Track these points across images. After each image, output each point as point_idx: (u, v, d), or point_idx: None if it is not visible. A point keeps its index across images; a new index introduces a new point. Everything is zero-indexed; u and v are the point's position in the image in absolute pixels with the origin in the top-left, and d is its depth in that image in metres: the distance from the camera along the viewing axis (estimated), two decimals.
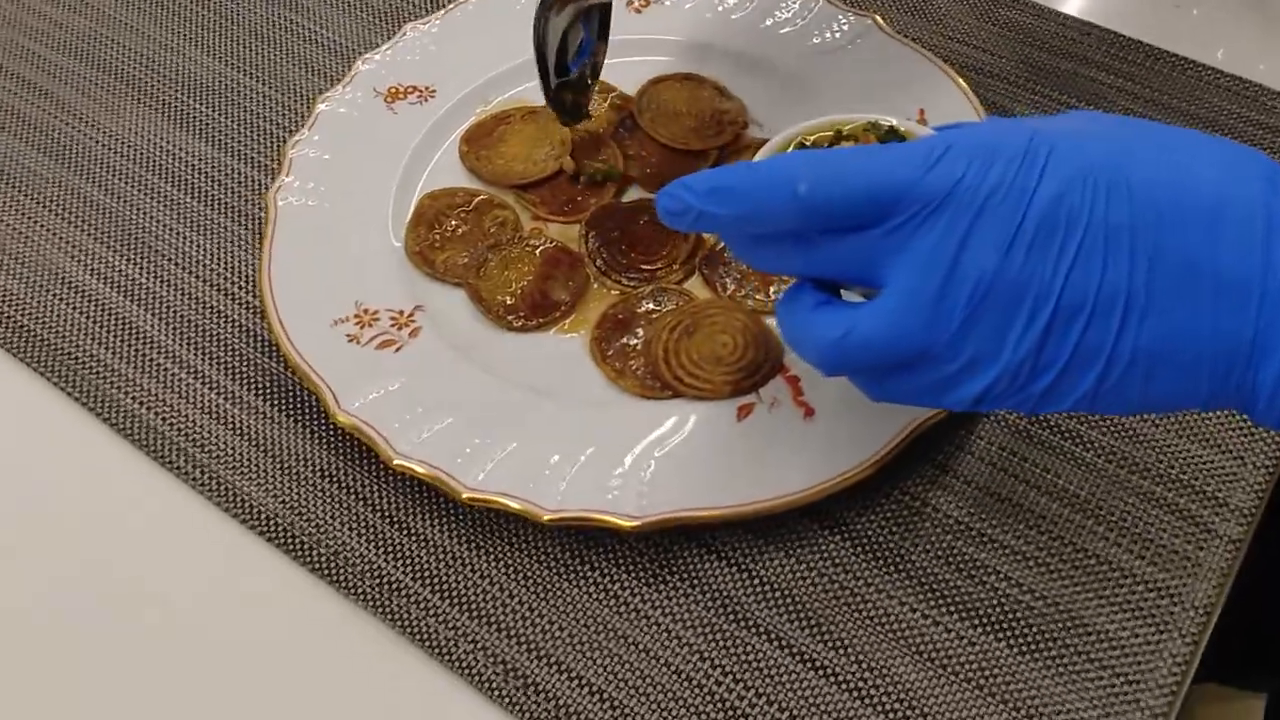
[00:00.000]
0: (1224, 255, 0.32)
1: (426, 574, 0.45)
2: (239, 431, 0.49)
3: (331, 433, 0.49)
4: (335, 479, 0.48)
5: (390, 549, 0.46)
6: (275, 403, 0.50)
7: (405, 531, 0.46)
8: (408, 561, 0.46)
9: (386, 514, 0.47)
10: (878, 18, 0.60)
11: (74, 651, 0.45)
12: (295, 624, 0.45)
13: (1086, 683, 0.42)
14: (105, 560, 0.47)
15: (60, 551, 0.47)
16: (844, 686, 0.42)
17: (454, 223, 0.54)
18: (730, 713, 0.42)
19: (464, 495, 0.44)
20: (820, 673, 0.42)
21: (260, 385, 0.51)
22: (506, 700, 0.42)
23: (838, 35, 0.60)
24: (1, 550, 0.48)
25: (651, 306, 0.50)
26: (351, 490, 0.48)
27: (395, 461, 0.45)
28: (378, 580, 0.45)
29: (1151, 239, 0.32)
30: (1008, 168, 0.33)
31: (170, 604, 0.46)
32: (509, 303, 0.51)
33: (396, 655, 0.44)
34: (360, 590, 0.45)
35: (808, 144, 0.41)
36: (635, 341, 0.49)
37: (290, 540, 0.46)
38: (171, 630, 0.45)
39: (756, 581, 0.45)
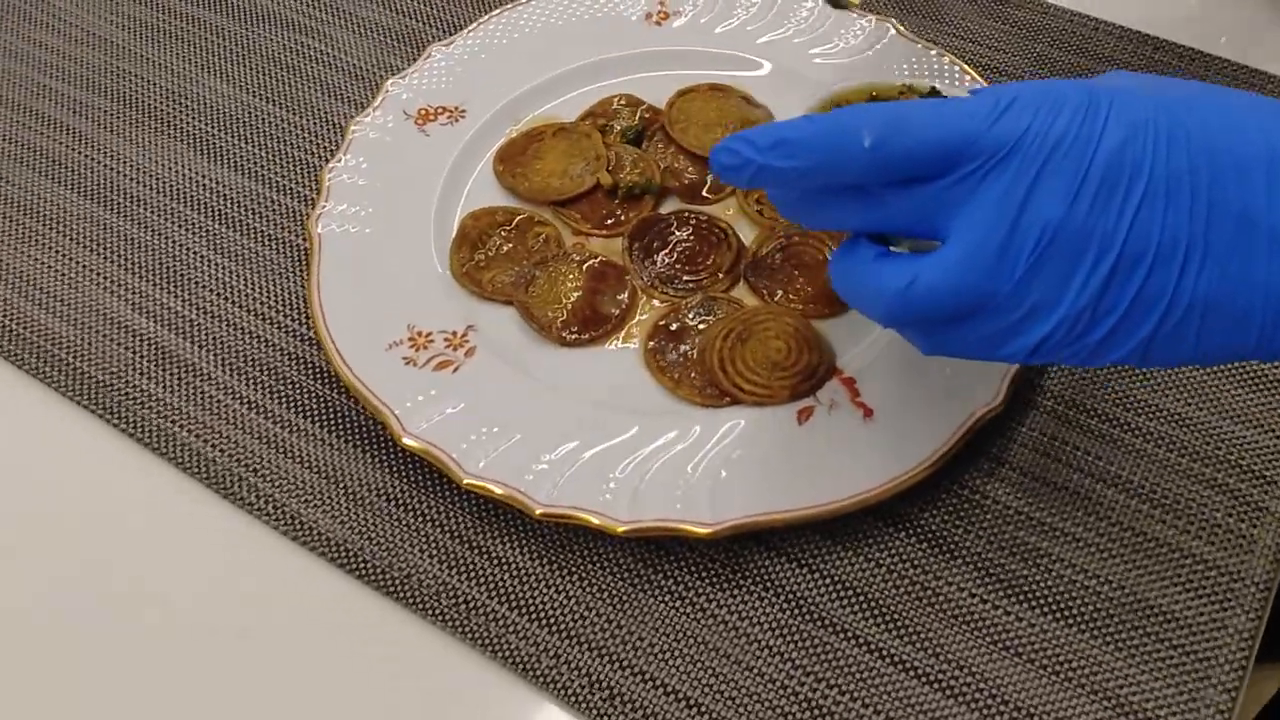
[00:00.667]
0: (1278, 207, 0.32)
1: (502, 591, 0.46)
2: (299, 460, 0.50)
3: (394, 455, 0.50)
4: (401, 502, 0.48)
5: (463, 568, 0.46)
6: (333, 429, 0.51)
7: (477, 550, 0.47)
8: (482, 580, 0.46)
9: (456, 534, 0.47)
10: (894, 22, 0.61)
11: (164, 684, 0.45)
12: (373, 647, 0.45)
13: (1158, 662, 0.43)
14: (179, 596, 0.47)
15: (134, 591, 0.47)
16: (924, 679, 0.43)
17: (497, 241, 0.54)
18: (815, 711, 0.43)
19: (538, 512, 0.45)
20: (900, 667, 0.43)
21: (316, 412, 0.51)
22: (593, 711, 0.43)
23: (856, 41, 0.61)
24: (74, 593, 0.48)
25: (702, 315, 0.51)
26: (418, 512, 0.48)
27: (466, 482, 0.46)
28: (454, 600, 0.46)
29: (1210, 187, 0.33)
30: (1073, 118, 0.33)
31: (248, 634, 0.46)
32: (561, 318, 0.51)
33: (478, 673, 0.44)
34: (437, 610, 0.45)
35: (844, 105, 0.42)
36: (690, 351, 0.50)
37: (362, 565, 0.47)
38: (254, 660, 0.45)
39: (827, 580, 0.46)
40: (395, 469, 0.49)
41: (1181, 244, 0.33)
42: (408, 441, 0.47)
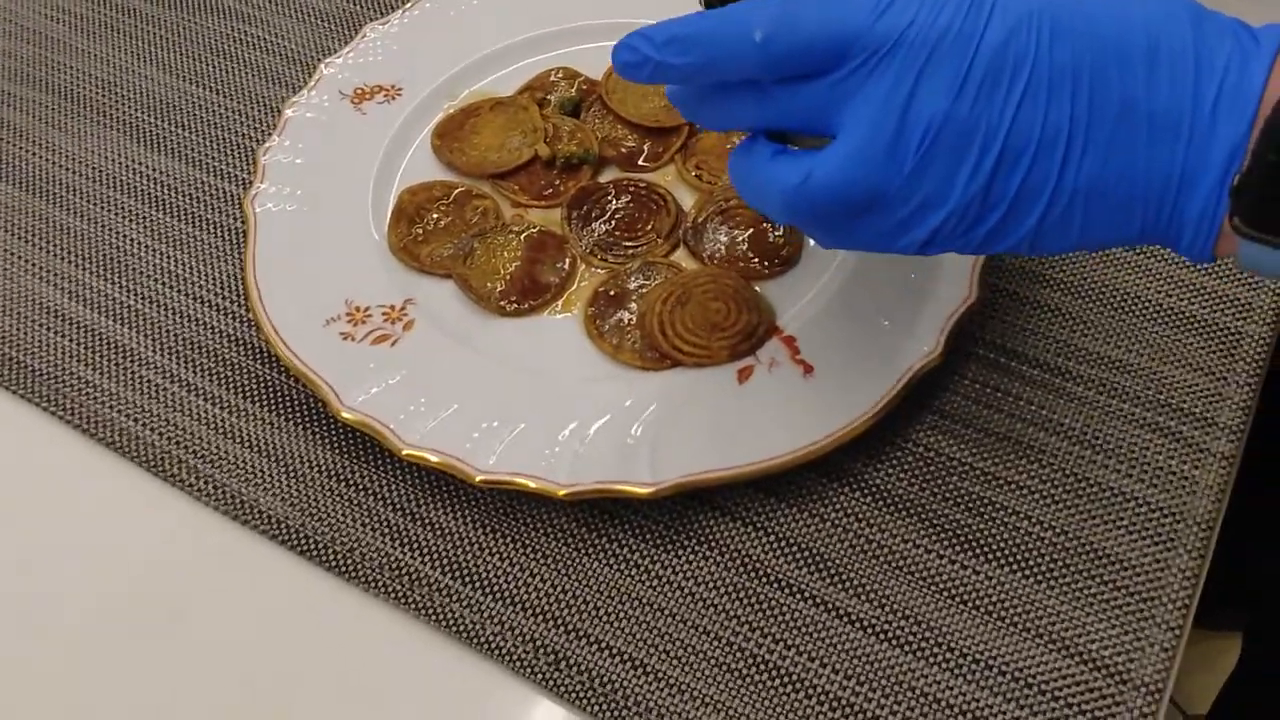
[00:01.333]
0: (1158, 94, 0.33)
1: (446, 561, 0.45)
2: (240, 440, 0.49)
3: (334, 432, 0.49)
4: (343, 477, 0.48)
5: (406, 540, 0.46)
6: (273, 408, 0.50)
7: (419, 522, 0.46)
8: (425, 551, 0.46)
9: (398, 506, 0.47)
10: None
11: (105, 675, 0.44)
12: (319, 624, 0.45)
13: (1103, 604, 0.43)
14: (121, 581, 0.47)
15: (74, 579, 0.47)
16: (872, 632, 0.43)
17: (435, 215, 0.54)
18: (762, 666, 0.42)
19: (478, 479, 0.44)
20: (846, 620, 0.43)
21: (255, 392, 0.51)
22: (540, 676, 0.43)
23: None
24: (17, 586, 0.47)
25: (641, 281, 0.51)
26: (360, 487, 0.48)
27: (405, 452, 0.45)
28: (397, 572, 0.45)
29: (1092, 79, 0.33)
30: (956, 11, 0.33)
31: (190, 617, 0.45)
32: (500, 289, 0.51)
33: (424, 644, 0.44)
34: (381, 583, 0.45)
35: None
36: (629, 316, 0.50)
37: (304, 541, 0.46)
38: (196, 642, 0.45)
39: (772, 538, 0.45)
40: (336, 445, 0.49)
41: (1063, 134, 0.33)
42: (345, 415, 0.46)
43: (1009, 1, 0.33)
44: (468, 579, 0.45)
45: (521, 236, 0.53)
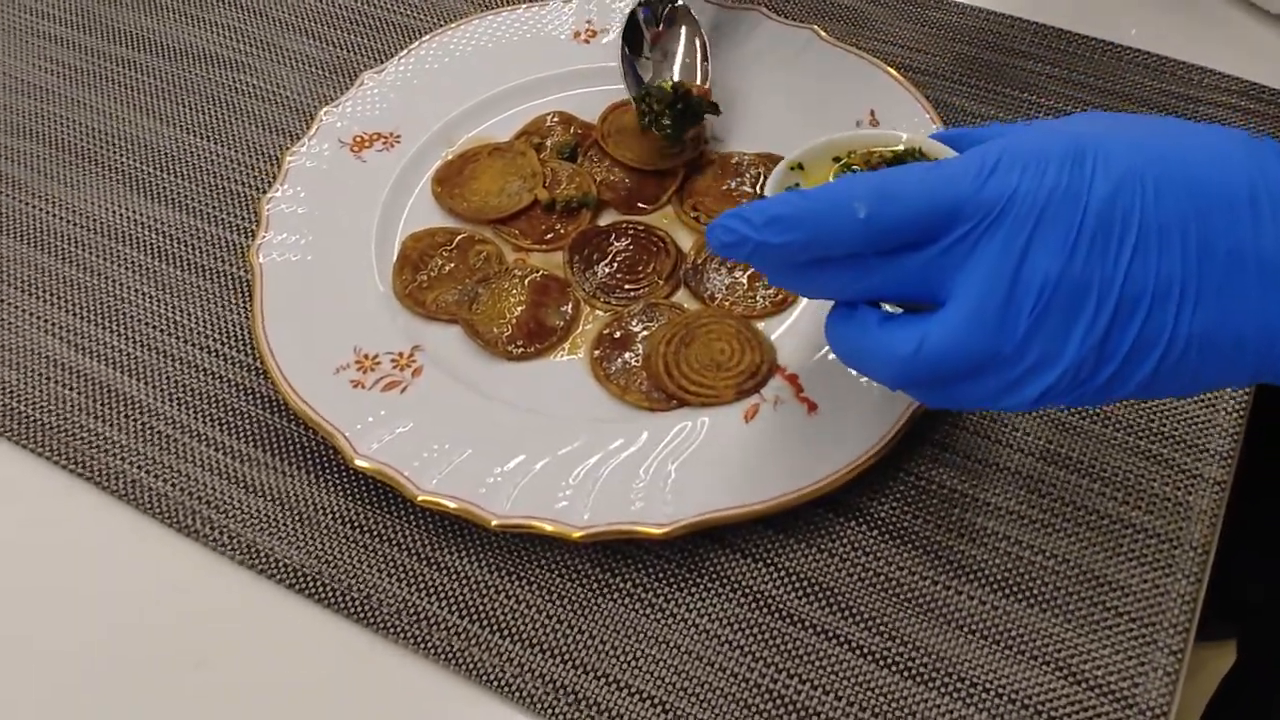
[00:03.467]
0: (1263, 240, 0.33)
1: (462, 605, 0.46)
2: (253, 489, 0.50)
3: (346, 479, 0.50)
4: (356, 523, 0.49)
5: (423, 585, 0.47)
6: (283, 456, 0.51)
7: (434, 566, 0.47)
8: (441, 595, 0.46)
9: (413, 551, 0.48)
10: (817, 28, 0.62)
11: None
12: (337, 671, 0.45)
13: (1106, 630, 0.44)
14: (139, 632, 0.47)
15: (94, 630, 0.47)
16: (882, 663, 0.44)
17: (439, 261, 0.55)
18: (778, 700, 0.43)
19: (494, 523, 0.45)
20: (857, 652, 0.44)
21: (265, 440, 0.51)
22: (560, 717, 0.43)
23: (782, 48, 0.62)
24: (33, 635, 0.47)
25: (644, 322, 0.52)
26: (374, 533, 0.48)
27: (420, 498, 0.46)
28: (415, 617, 0.46)
29: (1198, 230, 0.33)
30: (1060, 173, 0.34)
31: (211, 666, 0.46)
32: (506, 333, 0.52)
33: (444, 688, 0.45)
34: (399, 628, 0.46)
35: (805, 166, 0.42)
36: (635, 358, 0.51)
37: (321, 589, 0.47)
38: (217, 693, 0.45)
39: (781, 573, 0.46)
40: (349, 491, 0.49)
41: (1176, 286, 0.33)
42: (360, 463, 0.47)
43: (1109, 158, 0.34)
44: (484, 622, 0.46)
45: (525, 281, 0.54)
